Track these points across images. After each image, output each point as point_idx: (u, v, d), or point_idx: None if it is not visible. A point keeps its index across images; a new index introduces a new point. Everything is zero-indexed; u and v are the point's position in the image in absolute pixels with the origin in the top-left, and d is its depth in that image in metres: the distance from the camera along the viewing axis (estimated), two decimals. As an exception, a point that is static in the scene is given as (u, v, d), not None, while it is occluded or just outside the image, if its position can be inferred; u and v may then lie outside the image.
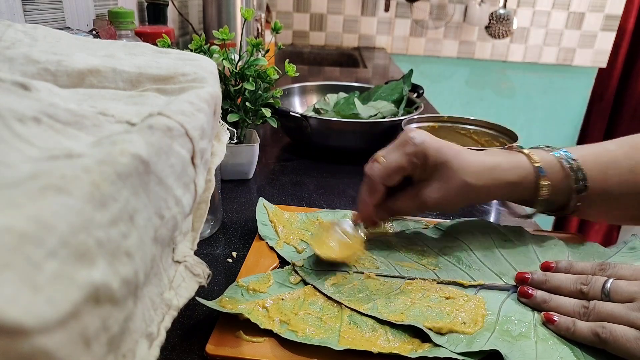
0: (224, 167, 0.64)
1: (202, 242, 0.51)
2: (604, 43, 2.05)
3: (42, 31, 0.34)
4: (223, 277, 0.46)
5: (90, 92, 0.28)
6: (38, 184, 0.17)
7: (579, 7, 2.00)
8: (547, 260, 0.45)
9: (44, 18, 0.73)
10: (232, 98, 0.62)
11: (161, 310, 0.26)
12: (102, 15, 0.90)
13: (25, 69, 0.28)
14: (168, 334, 0.26)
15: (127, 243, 0.19)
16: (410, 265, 0.46)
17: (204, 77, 0.31)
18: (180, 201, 0.24)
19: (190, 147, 0.25)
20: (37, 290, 0.14)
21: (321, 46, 2.12)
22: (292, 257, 0.46)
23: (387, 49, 2.11)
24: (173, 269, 0.28)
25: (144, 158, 0.21)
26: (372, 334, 0.37)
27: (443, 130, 0.77)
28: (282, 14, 2.07)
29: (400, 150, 0.45)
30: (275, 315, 0.38)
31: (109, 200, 0.18)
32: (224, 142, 0.36)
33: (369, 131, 0.76)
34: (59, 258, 0.15)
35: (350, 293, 0.42)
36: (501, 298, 0.42)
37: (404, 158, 0.45)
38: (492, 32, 1.97)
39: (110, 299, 0.17)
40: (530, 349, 0.36)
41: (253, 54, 0.61)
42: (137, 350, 0.22)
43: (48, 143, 0.21)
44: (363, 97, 0.91)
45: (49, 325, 0.14)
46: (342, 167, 0.75)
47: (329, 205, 0.61)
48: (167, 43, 0.58)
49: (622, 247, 0.48)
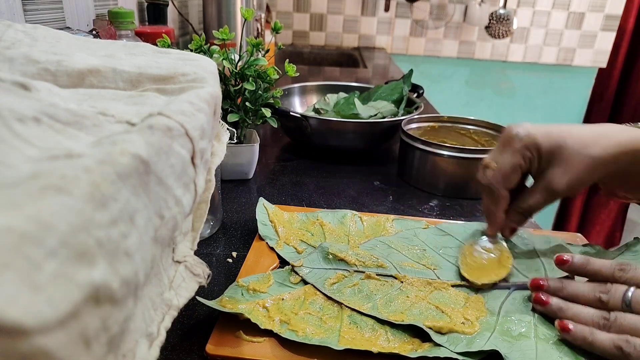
0: (224, 167, 0.64)
1: (202, 242, 0.51)
2: (604, 43, 2.05)
3: (42, 31, 0.34)
4: (223, 277, 0.46)
5: (90, 92, 0.28)
6: (38, 184, 0.17)
7: (579, 7, 2.00)
8: (549, 260, 0.45)
9: (44, 18, 0.73)
10: (232, 98, 0.62)
11: (161, 310, 0.26)
12: (102, 15, 0.90)
13: (25, 69, 0.28)
14: (168, 334, 0.26)
15: (127, 243, 0.19)
16: (411, 265, 0.46)
17: (204, 77, 0.31)
18: (180, 201, 0.24)
19: (190, 147, 0.25)
20: (37, 290, 0.14)
21: (321, 46, 2.12)
22: (291, 258, 0.46)
23: (387, 49, 2.10)
24: (173, 269, 0.28)
25: (144, 158, 0.21)
26: (372, 334, 0.37)
27: (443, 130, 0.77)
28: (282, 14, 2.07)
29: (508, 149, 0.43)
30: (275, 315, 0.38)
31: (109, 201, 0.18)
32: (224, 142, 0.36)
33: (369, 131, 0.76)
34: (59, 258, 0.15)
35: (350, 293, 0.42)
36: (501, 298, 0.42)
37: (517, 156, 0.43)
38: (492, 32, 1.97)
39: (110, 299, 0.17)
40: (530, 349, 0.36)
41: (253, 54, 0.61)
42: (137, 350, 0.22)
43: (48, 143, 0.21)
44: (363, 97, 0.91)
45: (49, 325, 0.14)
46: (342, 167, 0.75)
47: (329, 205, 0.61)
48: (167, 43, 0.58)
49: (623, 249, 0.48)
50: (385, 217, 0.54)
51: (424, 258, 0.47)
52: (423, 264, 0.46)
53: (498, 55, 2.10)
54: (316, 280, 0.43)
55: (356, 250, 0.47)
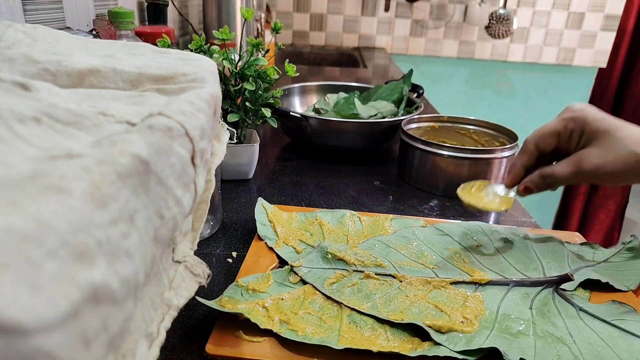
0: (224, 167, 0.64)
1: (202, 242, 0.51)
2: (604, 43, 2.05)
3: (42, 31, 0.34)
4: (223, 277, 0.46)
5: (90, 92, 0.28)
6: (38, 184, 0.17)
7: (579, 7, 2.00)
8: (547, 259, 0.45)
9: (44, 18, 0.73)
10: (232, 98, 0.62)
11: (161, 310, 0.26)
12: (102, 15, 0.90)
13: (25, 69, 0.28)
14: (168, 334, 0.26)
15: (127, 243, 0.19)
16: (410, 265, 0.46)
17: (204, 77, 0.31)
18: (180, 201, 0.24)
19: (190, 147, 0.25)
20: (37, 290, 0.14)
21: (321, 46, 2.12)
22: (291, 258, 0.46)
23: (387, 49, 2.10)
24: (173, 269, 0.28)
25: (144, 158, 0.21)
26: (371, 333, 0.37)
27: (443, 130, 0.77)
28: (282, 14, 2.07)
29: (558, 117, 0.47)
30: (275, 315, 0.38)
31: (109, 200, 0.18)
32: (224, 142, 0.36)
33: (369, 131, 0.76)
34: (58, 258, 0.15)
35: (349, 292, 0.42)
36: (500, 295, 0.42)
37: (560, 122, 0.46)
38: (492, 32, 1.97)
39: (110, 299, 0.17)
40: (529, 347, 0.36)
41: (253, 54, 0.61)
42: (137, 350, 0.22)
43: (48, 143, 0.21)
44: (363, 97, 0.91)
45: (49, 325, 0.14)
46: (342, 167, 0.75)
47: (329, 205, 0.61)
48: (167, 43, 0.58)
49: (621, 247, 0.49)
50: (384, 216, 0.54)
51: (423, 257, 0.47)
52: (422, 263, 0.46)
53: (498, 55, 2.10)
54: (315, 280, 0.43)
55: (355, 250, 0.47)
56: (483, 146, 0.74)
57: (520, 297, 0.42)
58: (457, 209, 0.62)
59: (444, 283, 0.43)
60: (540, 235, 0.51)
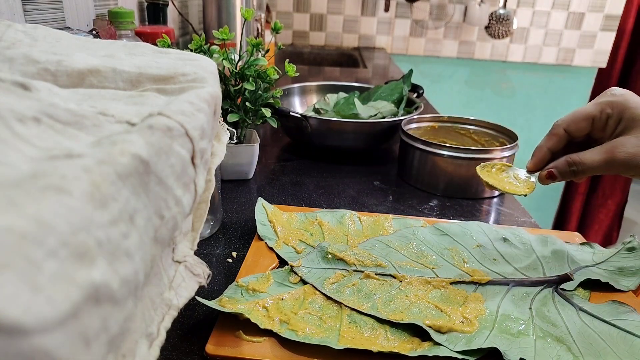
0: (224, 167, 0.64)
1: (202, 242, 0.51)
2: (604, 43, 2.05)
3: (42, 31, 0.34)
4: (223, 277, 0.46)
5: (90, 92, 0.28)
6: (38, 184, 0.17)
7: (578, 7, 2.00)
8: (547, 259, 0.45)
9: (44, 18, 0.73)
10: (232, 98, 0.62)
11: (161, 310, 0.26)
12: (102, 15, 0.90)
13: (25, 69, 0.28)
14: (168, 334, 0.26)
15: (127, 243, 0.19)
16: (410, 265, 0.46)
17: (204, 77, 0.31)
18: (180, 201, 0.24)
19: (190, 147, 0.25)
20: (37, 290, 0.14)
21: (321, 46, 2.12)
22: (290, 258, 0.46)
23: (387, 49, 2.10)
24: (173, 269, 0.28)
25: (144, 158, 0.21)
26: (371, 333, 0.37)
27: (443, 131, 0.77)
28: (282, 14, 2.07)
29: (594, 100, 0.43)
30: (275, 315, 0.38)
31: (109, 200, 0.18)
32: (224, 142, 0.36)
33: (369, 131, 0.76)
34: (59, 258, 0.15)
35: (349, 292, 0.42)
36: (500, 295, 0.42)
37: (596, 106, 0.42)
38: (492, 32, 1.97)
39: (110, 299, 0.17)
40: (529, 346, 0.36)
41: (253, 54, 0.61)
42: (137, 350, 0.22)
43: (48, 143, 0.21)
44: (363, 97, 0.91)
45: (49, 325, 0.14)
46: (342, 167, 0.75)
47: (328, 205, 0.61)
48: (167, 43, 0.58)
49: (620, 247, 0.49)
50: (384, 216, 0.54)
51: (423, 257, 0.47)
52: (422, 263, 0.46)
53: (498, 55, 2.10)
54: (315, 280, 0.43)
55: (355, 250, 0.47)
56: (483, 146, 0.74)
57: (520, 297, 0.42)
58: (457, 209, 0.62)
59: (444, 283, 0.43)
60: (540, 235, 0.51)
